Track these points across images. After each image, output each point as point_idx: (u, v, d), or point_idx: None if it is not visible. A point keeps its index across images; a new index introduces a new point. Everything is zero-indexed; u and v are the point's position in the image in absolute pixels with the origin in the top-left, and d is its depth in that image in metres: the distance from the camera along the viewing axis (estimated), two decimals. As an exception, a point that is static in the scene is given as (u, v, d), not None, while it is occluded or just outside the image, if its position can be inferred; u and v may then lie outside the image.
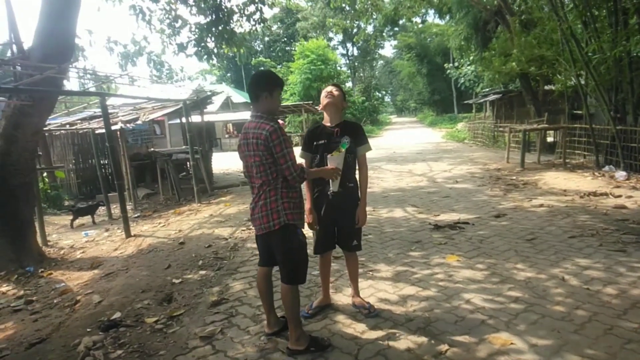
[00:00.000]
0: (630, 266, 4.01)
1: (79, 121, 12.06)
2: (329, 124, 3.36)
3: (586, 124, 10.42)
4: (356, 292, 3.59)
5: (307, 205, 3.30)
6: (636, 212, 5.92)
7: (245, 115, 26.41)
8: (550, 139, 14.38)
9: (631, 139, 8.74)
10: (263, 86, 2.90)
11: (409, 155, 16.08)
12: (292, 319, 2.92)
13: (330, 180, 3.21)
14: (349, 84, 47.19)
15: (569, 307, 3.27)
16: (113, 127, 9.33)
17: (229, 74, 56.36)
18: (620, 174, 8.41)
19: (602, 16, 9.49)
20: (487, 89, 23.95)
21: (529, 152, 12.81)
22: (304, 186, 3.30)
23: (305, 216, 3.13)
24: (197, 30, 10.10)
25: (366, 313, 3.40)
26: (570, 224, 5.60)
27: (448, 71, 36.21)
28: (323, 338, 3.03)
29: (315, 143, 3.34)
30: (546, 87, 16.06)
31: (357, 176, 3.43)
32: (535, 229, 5.47)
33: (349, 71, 52.71)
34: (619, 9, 8.69)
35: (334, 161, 3.12)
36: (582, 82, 10.28)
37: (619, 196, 6.89)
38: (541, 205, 6.71)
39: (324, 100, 3.34)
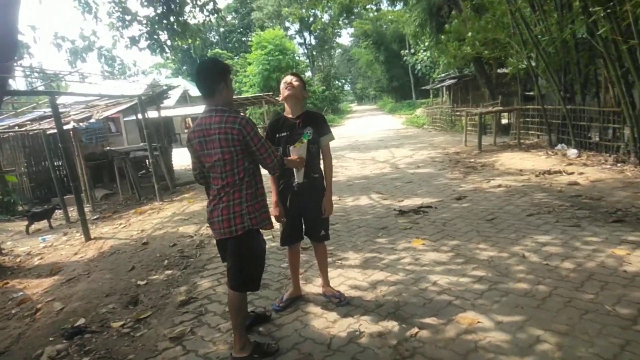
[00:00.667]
0: (584, 240, 4.21)
1: (29, 122, 11.49)
2: (290, 116, 3.32)
3: (538, 105, 10.82)
4: (326, 282, 3.60)
5: (272, 197, 3.28)
6: (588, 188, 6.21)
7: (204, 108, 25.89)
8: (505, 121, 14.83)
9: (580, 118, 9.13)
10: (218, 76, 2.68)
11: (371, 143, 16.23)
12: (237, 326, 2.79)
13: (295, 171, 3.20)
14: (308, 74, 46.97)
15: (531, 283, 3.40)
16: (65, 127, 8.95)
17: (184, 67, 54.90)
18: (572, 152, 8.79)
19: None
20: (443, 75, 24.40)
21: (486, 135, 13.19)
22: (268, 179, 3.28)
23: (271, 210, 3.10)
24: (148, 22, 9.77)
25: (337, 302, 3.42)
26: (528, 202, 5.81)
27: (405, 58, 36.65)
28: (269, 344, 2.90)
29: (277, 135, 3.30)
30: (499, 71, 16.53)
31: (321, 166, 3.43)
32: (495, 209, 5.65)
33: (307, 60, 52.46)
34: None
35: (296, 152, 3.09)
36: (533, 64, 10.63)
37: (572, 173, 7.20)
38: (499, 186, 6.93)
39: (284, 91, 3.29)
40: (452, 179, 7.97)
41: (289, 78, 3.33)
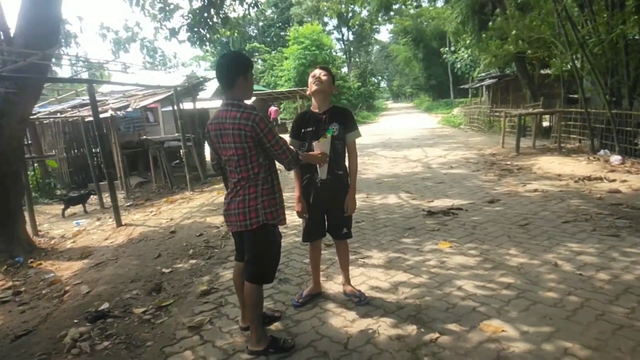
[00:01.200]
0: (623, 251, 3.98)
1: (70, 109, 11.90)
2: (317, 110, 3.26)
3: (582, 108, 10.35)
4: (347, 281, 3.54)
5: (296, 193, 3.26)
6: (630, 196, 5.89)
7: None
8: (546, 124, 14.31)
9: (626, 123, 8.69)
10: (237, 69, 2.67)
11: (404, 141, 15.99)
12: (254, 319, 2.81)
13: (318, 167, 3.15)
14: (344, 69, 46.74)
15: (561, 293, 3.24)
16: (103, 115, 9.21)
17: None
18: (615, 158, 8.38)
19: (599, -2, 9.37)
20: (484, 74, 23.78)
21: (525, 137, 12.74)
22: (292, 174, 3.24)
23: (294, 205, 3.13)
24: (189, 15, 9.91)
25: (357, 301, 3.36)
26: (564, 208, 5.56)
27: (444, 56, 35.85)
28: (286, 339, 2.88)
29: (303, 130, 3.27)
30: (542, 71, 15.96)
31: (346, 163, 3.36)
32: (529, 214, 5.43)
33: (344, 56, 52.23)
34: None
35: (319, 147, 3.04)
36: (578, 65, 10.18)
37: (614, 180, 6.86)
38: (535, 190, 6.67)
39: (311, 86, 3.23)
40: (485, 181, 7.74)
41: (317, 72, 3.26)
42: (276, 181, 2.83)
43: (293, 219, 6.09)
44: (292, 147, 2.85)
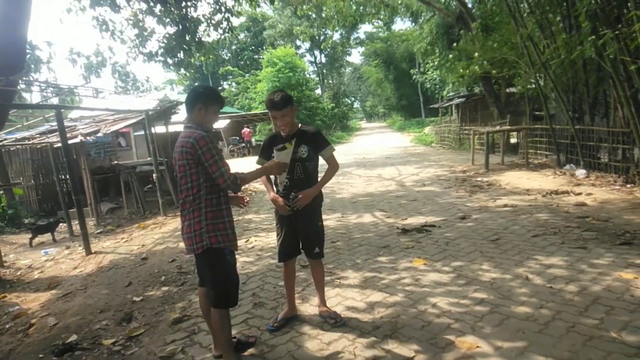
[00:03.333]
0: (590, 262, 4.08)
1: (38, 135, 11.62)
2: (284, 134, 3.29)
3: (547, 125, 10.71)
4: (322, 302, 3.51)
5: (270, 195, 3.35)
6: (595, 209, 6.07)
7: (214, 124, 26.06)
8: (513, 140, 14.72)
9: (589, 138, 9.01)
10: (198, 97, 2.80)
11: (378, 160, 16.17)
12: (223, 344, 2.81)
13: (277, 179, 3.23)
14: (318, 91, 47.26)
15: (533, 307, 3.29)
16: (73, 141, 9.03)
17: (196, 84, 55.69)
18: (580, 172, 8.65)
19: (557, 20, 9.79)
20: (453, 93, 24.40)
21: (494, 154, 13.07)
22: (262, 183, 3.42)
23: (277, 206, 3.28)
24: (165, 40, 9.91)
25: (332, 322, 3.33)
26: (534, 222, 5.69)
27: (414, 76, 36.74)
28: None
29: (273, 154, 3.28)
30: (508, 90, 16.47)
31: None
32: (500, 229, 5.54)
33: (317, 78, 52.86)
34: (572, 13, 8.95)
35: (278, 157, 3.11)
36: (542, 83, 10.56)
37: (580, 194, 7.06)
38: (505, 206, 6.81)
39: (278, 126, 3.26)
40: (457, 198, 7.87)
41: (277, 114, 3.15)
42: (225, 206, 2.81)
43: (268, 241, 6.08)
44: (233, 172, 2.75)
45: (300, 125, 3.33)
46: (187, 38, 9.88)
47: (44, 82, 9.83)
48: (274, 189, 3.38)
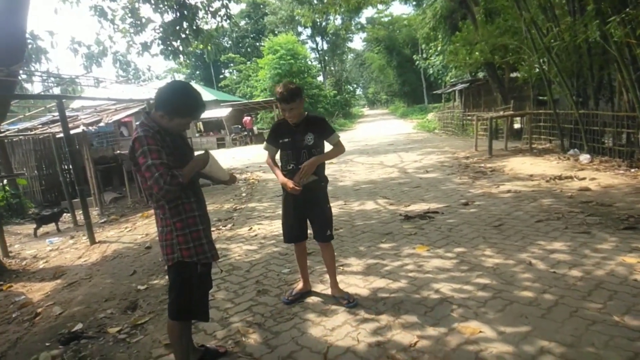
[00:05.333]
0: (594, 247, 4.08)
1: (40, 126, 11.63)
2: (292, 123, 3.32)
3: (550, 110, 10.63)
4: (334, 284, 3.59)
5: (279, 179, 3.36)
6: (599, 194, 6.05)
7: (216, 112, 26.02)
8: (517, 126, 14.63)
9: (593, 123, 8.94)
10: (164, 105, 2.39)
11: (380, 147, 16.12)
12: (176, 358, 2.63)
13: (284, 167, 3.40)
14: (320, 78, 47.03)
15: (536, 292, 3.29)
16: (75, 131, 9.03)
17: (197, 72, 55.51)
18: (584, 157, 8.60)
19: (562, 4, 9.64)
20: (455, 79, 24.21)
21: (497, 139, 13.00)
22: (270, 167, 3.48)
23: (287, 187, 3.26)
24: (161, 28, 9.84)
25: (345, 303, 3.42)
26: (537, 208, 5.68)
27: (417, 62, 36.48)
28: None
29: (280, 140, 3.37)
30: (511, 75, 16.31)
31: (323, 172, 3.46)
32: (503, 215, 5.52)
33: (319, 65, 52.55)
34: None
35: (299, 177, 3.24)
36: (545, 68, 10.46)
37: (583, 179, 7.03)
38: (508, 191, 6.79)
39: (287, 117, 3.27)
40: (460, 184, 7.85)
41: (286, 106, 3.19)
42: (198, 212, 2.52)
43: (271, 229, 6.10)
44: (170, 172, 2.25)
45: (306, 113, 3.38)
46: (185, 25, 9.81)
47: (46, 73, 9.80)
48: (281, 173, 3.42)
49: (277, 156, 3.49)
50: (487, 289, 3.43)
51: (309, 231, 3.55)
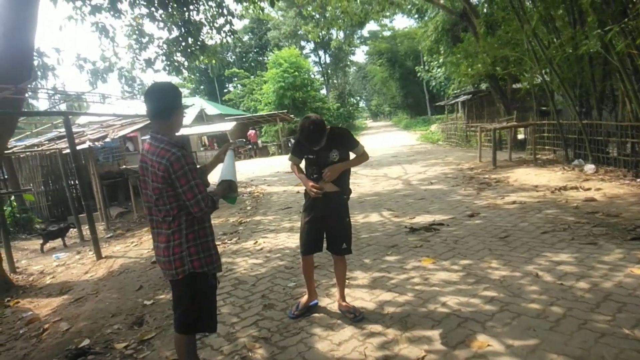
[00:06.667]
0: (601, 259, 4.06)
1: (47, 142, 11.74)
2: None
3: (554, 120, 10.63)
4: (342, 297, 3.59)
5: (306, 183, 3.40)
6: (605, 204, 6.03)
7: (220, 127, 26.18)
8: (520, 136, 14.64)
9: (597, 132, 8.94)
10: (173, 100, 2.46)
11: (384, 159, 16.14)
12: None
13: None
14: (323, 91, 47.37)
15: (544, 304, 3.27)
16: (81, 146, 9.11)
17: (202, 87, 56.01)
18: (589, 167, 8.59)
19: (563, 15, 9.70)
20: (458, 90, 24.30)
21: (501, 150, 13.00)
22: (297, 176, 3.52)
23: (310, 187, 3.31)
24: (165, 45, 9.97)
25: (352, 317, 3.40)
26: (543, 219, 5.66)
27: (419, 74, 36.65)
28: None
29: (305, 156, 3.42)
30: (514, 86, 16.37)
31: (346, 184, 3.51)
32: (509, 226, 5.51)
33: (322, 78, 52.91)
34: (576, 8, 8.88)
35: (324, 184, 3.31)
36: (547, 79, 10.49)
37: (589, 189, 7.02)
38: (513, 202, 6.78)
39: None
40: (465, 196, 7.84)
41: (314, 145, 3.24)
42: (208, 223, 2.56)
43: (276, 242, 6.10)
44: (208, 192, 2.44)
45: (329, 127, 3.31)
46: (190, 41, 9.93)
47: (52, 89, 9.91)
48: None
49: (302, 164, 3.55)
50: (494, 302, 3.42)
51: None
